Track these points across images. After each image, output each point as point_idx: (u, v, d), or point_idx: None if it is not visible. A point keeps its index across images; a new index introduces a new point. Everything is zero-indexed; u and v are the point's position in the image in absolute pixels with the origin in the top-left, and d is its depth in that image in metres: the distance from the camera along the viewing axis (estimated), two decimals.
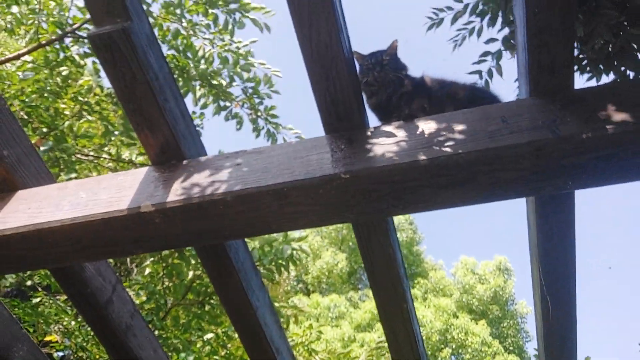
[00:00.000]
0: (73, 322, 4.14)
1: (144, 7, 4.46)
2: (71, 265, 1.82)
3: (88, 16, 4.26)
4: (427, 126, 1.42)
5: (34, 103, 4.13)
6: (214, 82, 4.38)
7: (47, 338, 4.07)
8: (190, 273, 3.84)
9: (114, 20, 1.46)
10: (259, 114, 4.48)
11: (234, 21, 4.49)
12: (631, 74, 1.87)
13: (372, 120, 1.66)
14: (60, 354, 4.42)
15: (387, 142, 1.42)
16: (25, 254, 1.59)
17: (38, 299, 4.19)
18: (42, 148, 3.68)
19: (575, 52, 1.81)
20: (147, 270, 4.00)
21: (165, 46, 4.42)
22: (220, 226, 1.47)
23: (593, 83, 1.89)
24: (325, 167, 1.40)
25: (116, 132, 4.35)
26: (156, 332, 3.97)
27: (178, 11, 4.53)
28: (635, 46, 1.78)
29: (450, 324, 16.20)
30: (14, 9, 3.73)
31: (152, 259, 4.02)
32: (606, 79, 1.82)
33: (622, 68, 1.77)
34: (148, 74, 1.52)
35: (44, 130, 3.96)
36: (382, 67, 1.66)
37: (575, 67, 1.81)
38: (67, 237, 1.54)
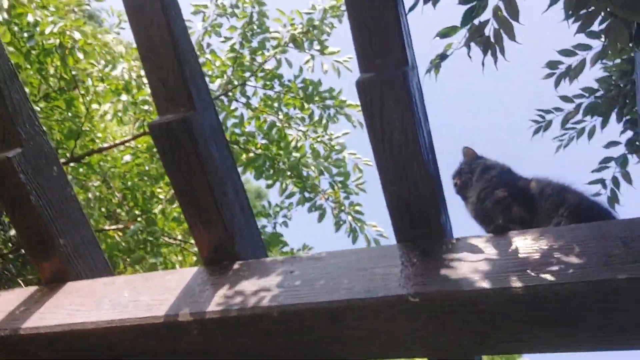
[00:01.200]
0: None
1: (246, 99, 4.65)
2: None
3: None
4: (523, 243, 1.13)
5: (133, 186, 4.29)
6: (304, 173, 4.34)
7: None
8: None
9: (178, 109, 1.38)
10: (343, 208, 4.32)
11: (328, 116, 4.50)
12: None
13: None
14: None
15: (472, 258, 1.14)
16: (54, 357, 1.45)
17: None
18: (131, 228, 3.74)
19: None
20: None
21: (260, 136, 4.50)
22: (263, 346, 1.25)
23: None
24: (391, 284, 1.15)
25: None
26: None
27: (276, 105, 4.64)
28: None
29: None
30: (123, 97, 4.00)
31: None
32: None
33: None
34: (207, 166, 1.40)
35: (137, 212, 4.07)
36: (461, 175, 1.43)
37: None
38: (100, 342, 1.38)
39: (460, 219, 1.31)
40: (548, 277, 1.01)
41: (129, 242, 3.80)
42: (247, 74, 4.63)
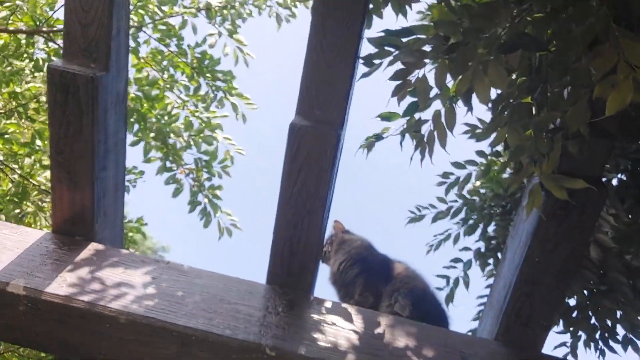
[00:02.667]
0: None
1: (135, 45, 4.29)
2: None
3: None
4: (388, 327, 1.21)
5: None
6: (170, 140, 4.12)
7: None
8: None
9: (88, 63, 1.23)
10: (202, 189, 4.19)
11: (214, 97, 4.35)
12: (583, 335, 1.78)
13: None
14: None
15: (339, 325, 1.19)
16: None
17: None
18: None
19: None
20: None
21: (135, 87, 4.17)
22: (95, 346, 1.15)
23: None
24: (251, 329, 1.14)
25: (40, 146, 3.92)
26: None
27: (165, 63, 4.36)
28: (592, 314, 1.71)
29: None
30: None
31: None
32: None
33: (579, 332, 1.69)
34: (97, 134, 1.26)
35: None
36: (331, 244, 1.51)
37: None
38: None
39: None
40: None
41: None
42: (147, 20, 4.29)
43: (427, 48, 1.03)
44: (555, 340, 1.85)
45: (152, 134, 4.19)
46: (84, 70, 1.20)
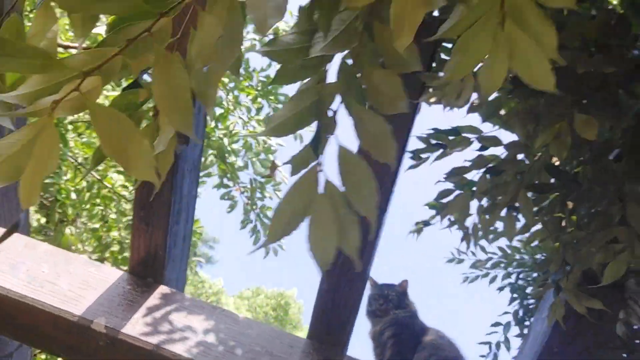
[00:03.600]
0: None
1: None
2: None
3: None
4: None
5: None
6: (229, 159, 4.37)
7: None
8: None
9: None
10: (254, 207, 4.43)
11: None
12: None
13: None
14: None
15: None
16: None
17: None
18: None
19: None
20: None
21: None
22: None
23: None
24: None
25: None
26: None
27: (231, 85, 4.62)
28: None
29: None
30: None
31: None
32: None
33: None
34: (174, 196, 1.47)
35: None
36: (386, 301, 1.63)
37: None
38: (6, 310, 1.40)
39: None
40: None
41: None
42: None
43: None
44: None
45: (213, 151, 4.46)
46: None
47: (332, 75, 0.58)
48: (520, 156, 1.07)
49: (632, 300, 1.51)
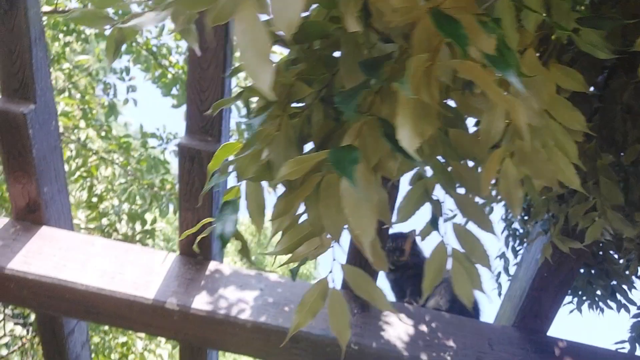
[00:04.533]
0: None
1: None
2: None
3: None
4: (434, 324, 1.67)
5: None
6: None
7: None
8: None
9: (206, 137, 1.62)
10: None
11: None
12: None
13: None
14: None
15: (399, 327, 1.65)
16: (38, 299, 1.68)
17: None
18: None
19: None
20: None
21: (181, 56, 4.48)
22: (230, 343, 1.65)
23: None
24: None
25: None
26: None
27: None
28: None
29: None
30: None
31: None
32: None
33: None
34: (214, 187, 1.68)
35: None
36: (401, 252, 1.92)
37: None
38: (87, 302, 1.65)
39: None
40: (442, 355, 1.58)
41: None
42: None
43: None
44: None
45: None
46: (204, 145, 1.60)
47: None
48: None
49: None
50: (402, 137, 0.59)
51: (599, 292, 2.21)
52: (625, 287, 2.21)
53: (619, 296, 2.25)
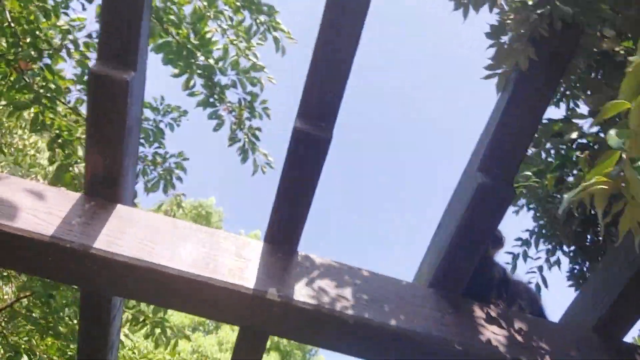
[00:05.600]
0: None
1: None
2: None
3: None
4: (522, 326, 1.70)
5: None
6: (216, 79, 4.30)
7: None
8: None
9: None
10: (243, 127, 4.47)
11: (257, 30, 4.46)
12: None
13: None
14: None
15: (492, 328, 1.67)
16: (125, 283, 1.57)
17: None
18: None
19: None
20: None
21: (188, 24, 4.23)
22: (332, 338, 1.61)
23: None
24: (441, 328, 1.62)
25: None
26: None
27: None
28: None
29: None
30: None
31: None
32: None
33: None
34: None
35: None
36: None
37: None
38: (182, 288, 1.55)
39: None
40: None
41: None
42: None
43: None
44: None
45: (198, 70, 4.35)
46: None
47: None
48: None
49: None
50: None
51: None
52: None
53: None
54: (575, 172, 1.86)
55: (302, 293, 1.59)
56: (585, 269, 2.05)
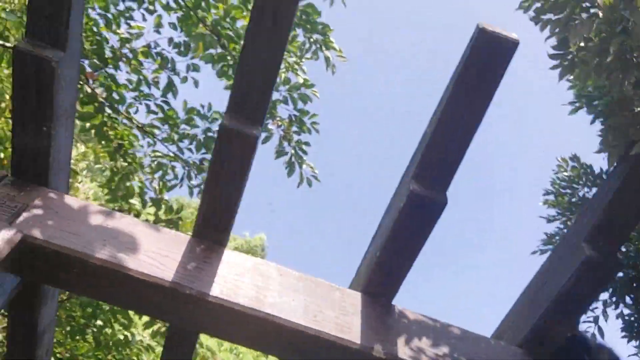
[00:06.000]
0: None
1: None
2: None
3: None
4: None
5: None
6: None
7: None
8: None
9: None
10: (290, 140, 4.51)
11: (309, 48, 4.50)
12: None
13: None
14: None
15: None
16: (241, 332, 1.63)
17: None
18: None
19: None
20: None
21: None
22: None
23: None
24: None
25: None
26: None
27: None
28: None
29: None
30: None
31: None
32: None
33: None
34: None
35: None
36: None
37: None
38: (291, 340, 1.61)
39: None
40: None
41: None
42: None
43: None
44: None
45: None
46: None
47: None
48: None
49: None
50: None
51: None
52: None
53: None
54: None
55: (404, 352, 1.65)
56: None
